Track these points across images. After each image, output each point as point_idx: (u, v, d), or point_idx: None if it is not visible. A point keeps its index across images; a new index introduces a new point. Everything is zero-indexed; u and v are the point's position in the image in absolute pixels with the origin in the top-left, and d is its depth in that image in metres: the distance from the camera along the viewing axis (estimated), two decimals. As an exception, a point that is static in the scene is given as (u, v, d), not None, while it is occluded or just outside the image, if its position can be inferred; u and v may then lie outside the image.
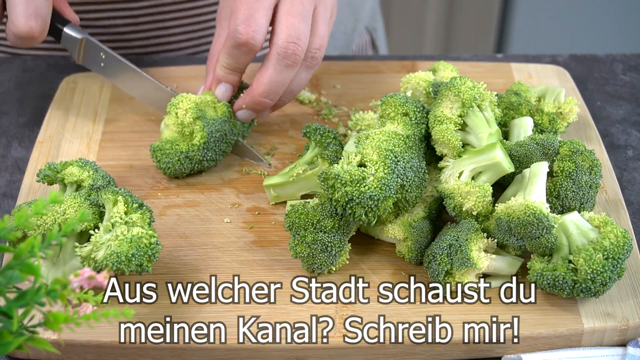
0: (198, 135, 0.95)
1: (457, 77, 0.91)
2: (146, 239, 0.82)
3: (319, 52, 0.95)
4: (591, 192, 0.88)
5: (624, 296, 0.85)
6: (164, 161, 0.96)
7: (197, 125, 0.95)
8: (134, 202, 0.85)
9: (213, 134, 0.96)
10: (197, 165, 0.97)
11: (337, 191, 0.83)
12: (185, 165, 0.96)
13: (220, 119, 0.97)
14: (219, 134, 0.96)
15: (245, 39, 0.92)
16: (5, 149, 1.04)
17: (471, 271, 0.83)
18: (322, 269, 0.86)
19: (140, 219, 0.84)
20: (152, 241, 0.83)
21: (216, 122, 0.96)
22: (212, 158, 0.97)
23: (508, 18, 2.34)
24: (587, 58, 1.18)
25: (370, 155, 0.85)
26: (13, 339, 0.65)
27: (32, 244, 0.65)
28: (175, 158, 0.96)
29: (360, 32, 1.38)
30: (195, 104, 0.95)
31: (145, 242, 0.82)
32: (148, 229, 0.83)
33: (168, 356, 0.82)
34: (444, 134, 0.88)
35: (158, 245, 0.83)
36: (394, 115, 0.90)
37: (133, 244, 0.81)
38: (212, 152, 0.96)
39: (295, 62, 0.93)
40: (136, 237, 0.82)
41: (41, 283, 0.66)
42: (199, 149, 0.95)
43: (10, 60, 1.17)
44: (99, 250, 0.82)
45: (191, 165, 0.96)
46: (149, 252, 0.82)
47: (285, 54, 0.92)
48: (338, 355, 0.82)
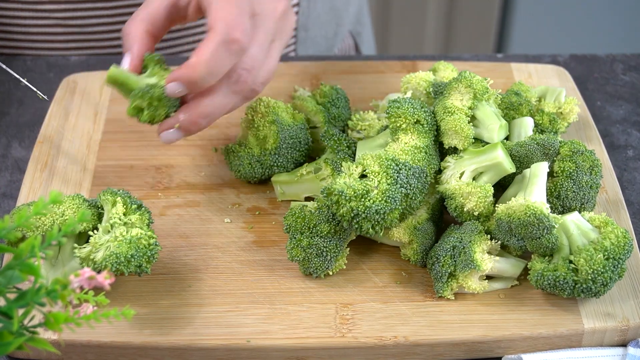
0: (271, 140, 0.94)
1: (465, 71, 0.91)
2: (145, 239, 0.82)
3: (262, 86, 0.89)
4: (592, 192, 0.88)
5: (625, 296, 0.85)
6: (235, 164, 0.95)
7: (271, 129, 0.94)
8: (132, 203, 0.85)
9: (286, 140, 0.94)
10: (268, 171, 0.95)
11: (342, 207, 0.82)
12: (256, 170, 0.95)
13: (296, 125, 0.95)
14: (292, 141, 0.94)
15: (238, 36, 0.83)
16: (5, 149, 1.04)
17: (474, 273, 0.83)
18: (317, 273, 0.86)
19: (139, 219, 0.84)
20: (151, 242, 0.83)
21: (291, 128, 0.94)
22: (283, 164, 0.95)
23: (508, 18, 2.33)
24: (587, 58, 1.18)
25: (372, 166, 0.84)
26: (13, 339, 0.65)
27: (32, 244, 0.65)
28: (247, 161, 0.95)
29: (343, 36, 1.37)
30: (273, 109, 0.94)
31: (144, 243, 0.82)
32: (147, 230, 0.83)
33: (168, 356, 0.82)
34: (456, 124, 0.88)
35: (157, 246, 0.83)
36: (405, 127, 0.89)
37: (132, 245, 0.81)
38: (283, 159, 0.94)
39: (243, 89, 0.87)
40: (135, 238, 0.82)
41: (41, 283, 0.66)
42: (270, 153, 0.94)
43: (10, 60, 1.17)
44: (97, 251, 0.82)
45: (262, 170, 0.95)
46: (148, 253, 0.82)
47: (238, 80, 0.86)
48: (338, 356, 0.82)
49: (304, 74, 1.11)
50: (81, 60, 1.16)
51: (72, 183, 0.97)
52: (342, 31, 1.35)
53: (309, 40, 1.29)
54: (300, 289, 0.86)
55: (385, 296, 0.85)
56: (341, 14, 1.34)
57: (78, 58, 1.17)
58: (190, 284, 0.86)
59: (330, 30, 1.32)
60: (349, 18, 1.37)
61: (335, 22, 1.32)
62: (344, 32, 1.36)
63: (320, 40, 1.31)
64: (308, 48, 1.30)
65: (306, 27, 1.28)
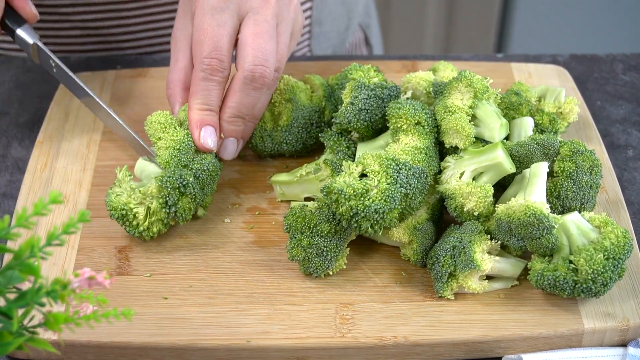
0: (284, 117, 0.97)
1: (465, 70, 0.91)
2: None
3: (277, 74, 0.93)
4: (592, 192, 0.88)
5: (625, 296, 0.85)
6: None
7: (287, 107, 0.97)
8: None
9: (298, 120, 0.97)
10: (277, 147, 0.98)
11: (342, 205, 0.82)
12: (266, 144, 0.97)
13: (311, 107, 0.97)
14: (305, 122, 0.97)
15: (214, 67, 0.90)
16: (5, 149, 1.04)
17: (475, 273, 0.83)
18: (317, 273, 0.86)
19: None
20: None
21: (305, 109, 0.97)
22: (292, 143, 0.97)
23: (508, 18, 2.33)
24: (587, 58, 1.18)
25: (372, 165, 0.84)
26: (13, 339, 0.65)
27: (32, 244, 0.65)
28: (258, 134, 0.97)
29: (354, 29, 1.38)
30: (292, 87, 0.97)
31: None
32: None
33: (168, 356, 0.82)
34: (457, 123, 0.88)
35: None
36: (406, 128, 0.89)
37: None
38: (293, 137, 0.97)
39: (263, 84, 0.91)
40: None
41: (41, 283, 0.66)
42: (281, 130, 0.97)
43: (10, 60, 1.17)
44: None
45: (271, 145, 0.98)
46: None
47: (253, 77, 0.90)
48: (338, 356, 0.82)
49: (304, 74, 1.10)
50: (81, 60, 1.16)
51: (72, 183, 0.97)
52: (353, 24, 1.36)
53: (322, 35, 1.30)
54: (300, 289, 0.86)
55: (385, 296, 0.85)
56: (352, 7, 1.34)
57: (78, 57, 1.17)
58: (190, 284, 0.86)
59: (342, 24, 1.33)
60: (358, 11, 1.37)
61: (346, 15, 1.33)
62: (354, 25, 1.37)
63: (333, 34, 1.32)
64: (322, 43, 1.30)
65: (320, 22, 1.28)
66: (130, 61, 1.17)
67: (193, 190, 0.88)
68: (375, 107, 0.91)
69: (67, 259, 0.88)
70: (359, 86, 0.92)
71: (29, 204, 0.94)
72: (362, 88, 0.91)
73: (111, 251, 0.89)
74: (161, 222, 0.88)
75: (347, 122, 0.91)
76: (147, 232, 0.88)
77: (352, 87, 0.92)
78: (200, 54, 0.91)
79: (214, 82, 0.91)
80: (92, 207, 0.94)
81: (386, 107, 0.91)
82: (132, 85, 1.09)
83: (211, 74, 0.91)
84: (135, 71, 1.11)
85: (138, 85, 1.09)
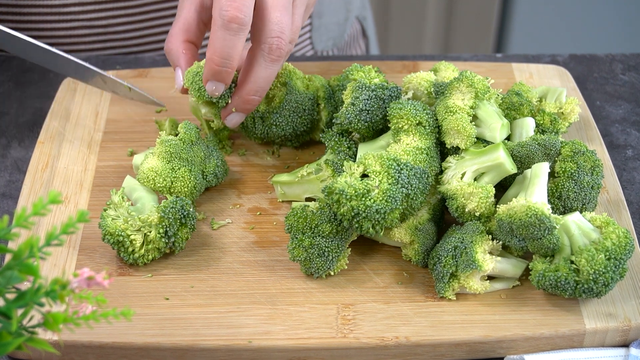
0: (277, 99, 0.97)
1: (466, 70, 0.91)
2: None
3: (291, 45, 0.93)
4: (593, 192, 0.88)
5: (626, 296, 0.85)
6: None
7: (281, 90, 0.97)
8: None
9: (291, 103, 0.97)
10: (267, 130, 0.98)
11: (343, 206, 0.82)
12: (257, 126, 0.98)
13: (306, 94, 0.98)
14: (297, 106, 0.97)
15: (233, 14, 0.86)
16: (5, 149, 1.04)
17: (476, 273, 0.83)
18: (319, 273, 0.86)
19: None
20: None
21: (300, 94, 0.97)
22: (282, 126, 0.97)
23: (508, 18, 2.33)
24: (586, 58, 1.18)
25: (373, 165, 0.84)
26: (12, 339, 0.65)
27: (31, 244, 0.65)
28: (250, 115, 0.98)
29: (352, 21, 1.39)
30: (289, 72, 0.97)
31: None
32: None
33: (170, 357, 0.81)
34: (458, 123, 0.88)
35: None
36: (407, 128, 0.89)
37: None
38: (283, 120, 0.97)
39: (280, 56, 0.91)
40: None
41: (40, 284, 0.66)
42: (273, 112, 0.97)
43: (10, 60, 1.16)
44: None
45: (262, 128, 0.98)
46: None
47: (271, 49, 0.90)
48: (339, 356, 0.82)
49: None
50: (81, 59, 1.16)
51: (73, 183, 0.96)
52: (351, 17, 1.37)
53: (323, 27, 1.31)
54: (302, 290, 0.86)
55: (387, 296, 0.85)
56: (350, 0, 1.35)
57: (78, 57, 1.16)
58: (191, 285, 0.86)
59: (341, 16, 1.34)
60: (356, 3, 1.38)
61: (345, 7, 1.34)
62: (352, 17, 1.38)
63: (332, 26, 1.33)
64: (322, 35, 1.31)
65: (320, 14, 1.30)
66: (130, 61, 1.16)
67: (193, 221, 0.88)
68: (376, 107, 0.91)
69: (68, 259, 0.88)
70: (359, 87, 0.92)
71: (29, 205, 0.93)
72: (363, 89, 0.91)
73: (112, 252, 0.89)
74: (157, 250, 0.87)
75: (348, 122, 0.91)
76: (142, 259, 0.87)
77: (353, 87, 0.92)
78: (218, 2, 0.87)
79: (232, 31, 0.87)
80: (92, 208, 0.93)
81: (387, 107, 0.91)
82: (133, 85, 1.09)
83: (229, 20, 0.86)
84: (136, 71, 1.11)
85: (139, 86, 1.08)
